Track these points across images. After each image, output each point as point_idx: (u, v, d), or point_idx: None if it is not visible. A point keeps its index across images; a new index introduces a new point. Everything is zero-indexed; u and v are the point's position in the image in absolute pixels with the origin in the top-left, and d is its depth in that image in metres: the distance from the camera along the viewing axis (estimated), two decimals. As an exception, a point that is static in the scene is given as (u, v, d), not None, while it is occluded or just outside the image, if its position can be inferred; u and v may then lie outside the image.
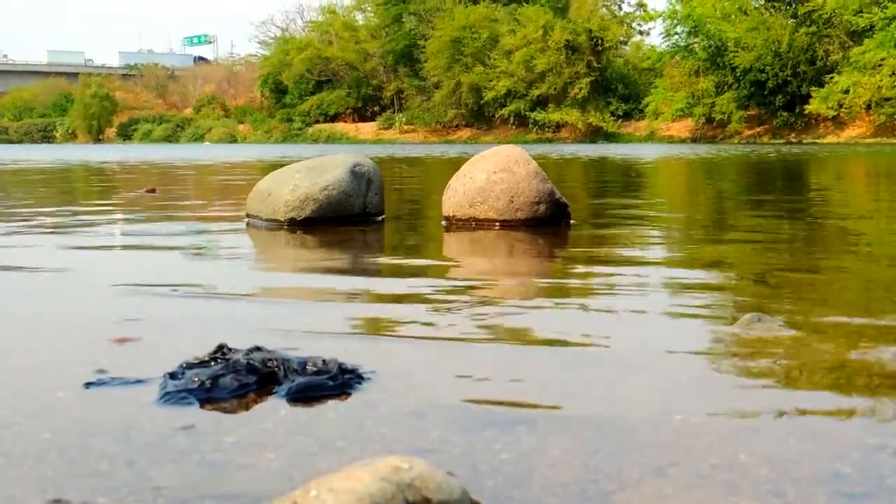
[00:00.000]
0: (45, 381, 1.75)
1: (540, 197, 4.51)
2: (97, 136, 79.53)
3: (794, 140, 47.82)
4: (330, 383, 1.67)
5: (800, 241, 4.12)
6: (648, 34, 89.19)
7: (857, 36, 47.09)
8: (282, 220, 4.64)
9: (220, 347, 1.75)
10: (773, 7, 52.39)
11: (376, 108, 71.31)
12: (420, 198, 7.61)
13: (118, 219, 5.53)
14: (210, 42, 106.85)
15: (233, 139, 69.95)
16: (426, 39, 63.90)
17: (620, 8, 62.30)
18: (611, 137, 55.46)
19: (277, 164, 12.76)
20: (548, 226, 4.50)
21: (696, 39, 53.90)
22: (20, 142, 78.29)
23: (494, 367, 1.84)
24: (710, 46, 52.87)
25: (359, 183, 4.83)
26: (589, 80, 56.90)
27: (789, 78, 49.28)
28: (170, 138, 74.64)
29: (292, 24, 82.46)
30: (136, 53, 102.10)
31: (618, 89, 59.81)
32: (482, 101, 61.03)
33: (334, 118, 70.91)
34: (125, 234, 4.70)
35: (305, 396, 1.63)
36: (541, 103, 59.04)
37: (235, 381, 1.65)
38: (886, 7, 45.12)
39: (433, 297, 2.65)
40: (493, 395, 1.64)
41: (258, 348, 1.76)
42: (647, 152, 26.97)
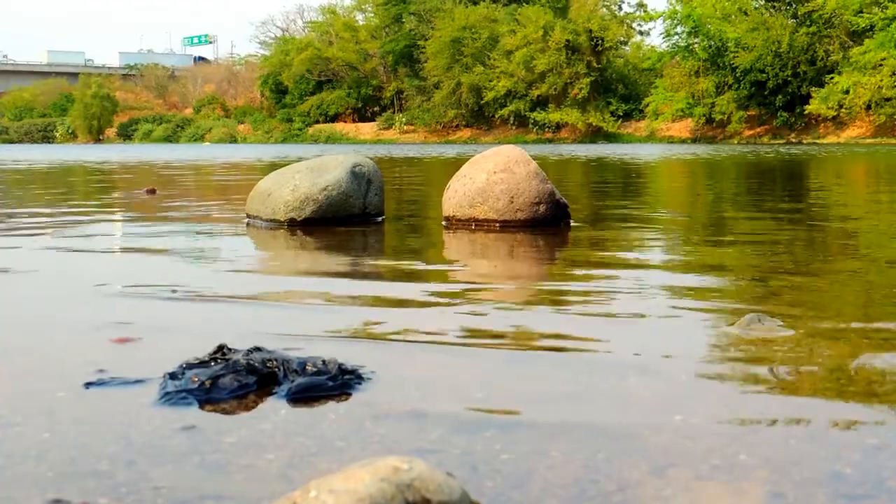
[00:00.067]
0: (45, 381, 1.75)
1: (540, 197, 4.51)
2: (97, 137, 79.58)
3: (794, 140, 47.82)
4: (330, 384, 1.67)
5: (800, 242, 4.12)
6: (648, 34, 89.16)
7: (858, 36, 47.08)
8: (282, 220, 4.64)
9: (220, 348, 1.75)
10: (774, 7, 52.39)
11: (376, 109, 71.33)
12: (420, 198, 7.61)
13: (118, 219, 5.53)
14: (210, 42, 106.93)
15: (233, 139, 69.96)
16: (426, 40, 63.92)
17: (620, 8, 62.41)
18: (611, 138, 55.46)
19: (277, 165, 12.78)
20: (548, 226, 4.50)
21: (696, 40, 53.89)
22: (20, 142, 78.33)
23: (494, 369, 1.84)
24: (710, 47, 52.87)
25: (359, 183, 4.83)
26: (589, 80, 56.91)
27: (789, 78, 49.29)
28: (170, 138, 74.65)
29: (292, 24, 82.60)
30: (136, 53, 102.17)
31: (618, 89, 59.81)
32: (482, 102, 61.05)
33: (334, 118, 70.92)
34: (125, 235, 4.70)
35: (305, 397, 1.63)
36: (541, 103, 59.04)
37: (235, 381, 1.65)
38: (886, 7, 45.11)
39: (434, 298, 2.65)
40: (493, 396, 1.64)
41: (258, 349, 1.76)
42: (647, 152, 26.97)
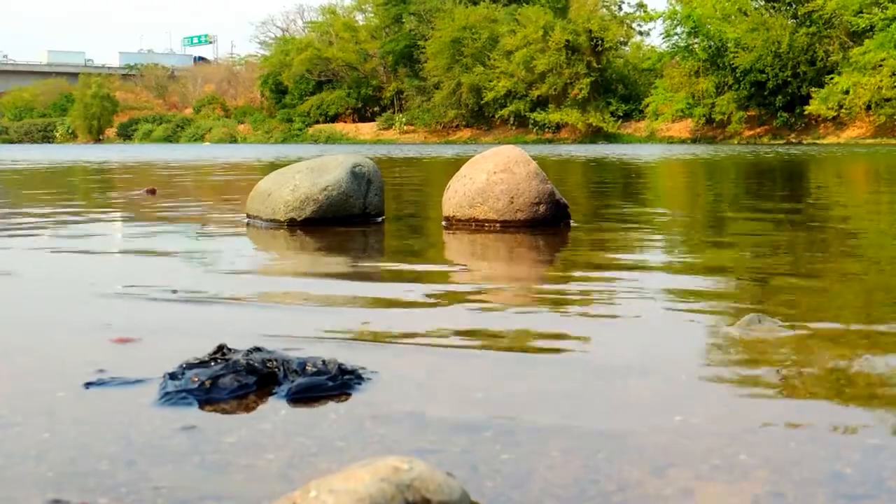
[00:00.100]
0: (45, 381, 1.75)
1: (540, 197, 4.51)
2: (97, 137, 79.56)
3: (794, 141, 47.81)
4: (329, 384, 1.67)
5: (800, 243, 4.12)
6: (648, 35, 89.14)
7: (858, 36, 47.06)
8: (282, 220, 4.64)
9: (220, 348, 1.75)
10: (773, 8, 52.38)
11: (376, 109, 71.30)
12: (420, 198, 7.61)
13: (118, 219, 5.53)
14: (210, 42, 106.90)
15: (233, 139, 69.94)
16: (426, 40, 63.88)
17: (620, 8, 62.32)
18: (611, 138, 55.44)
19: (277, 165, 12.78)
20: (548, 226, 4.50)
21: (696, 40, 53.87)
22: (20, 142, 78.31)
23: (494, 369, 1.84)
24: (710, 47, 52.86)
25: (359, 183, 4.83)
26: (589, 80, 56.88)
27: (789, 78, 49.28)
28: (170, 138, 74.64)
29: (292, 24, 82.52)
30: (136, 53, 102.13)
31: (618, 90, 59.78)
32: (482, 102, 61.01)
33: (334, 118, 70.90)
34: (125, 235, 4.70)
35: (305, 397, 1.63)
36: (541, 104, 59.01)
37: (235, 381, 1.65)
38: (886, 8, 45.10)
39: (434, 299, 2.65)
40: (492, 396, 1.64)
41: (258, 349, 1.76)
42: (647, 153, 26.97)
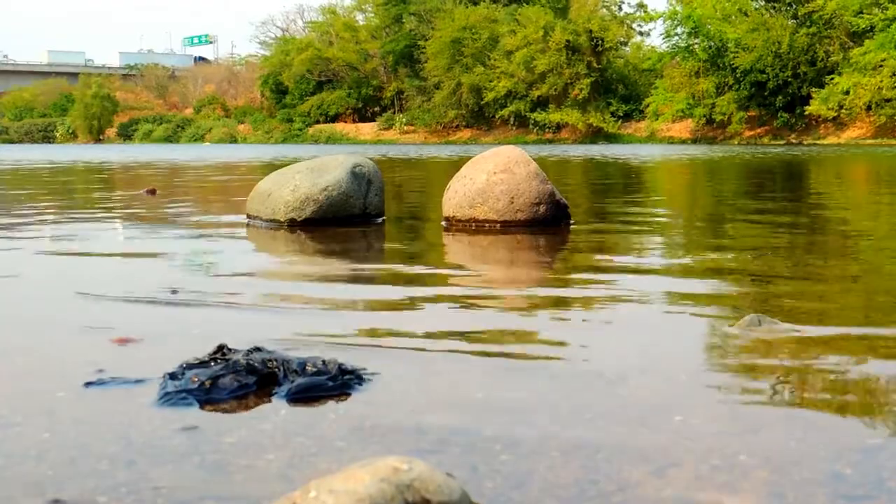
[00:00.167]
0: (45, 381, 1.75)
1: (540, 198, 4.51)
2: (98, 137, 79.56)
3: (794, 141, 47.80)
4: (329, 384, 1.66)
5: (800, 246, 4.12)
6: (649, 35, 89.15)
7: (858, 37, 47.05)
8: (282, 220, 4.64)
9: (220, 348, 1.75)
10: (774, 8, 52.37)
11: (376, 109, 71.29)
12: (420, 199, 7.61)
13: (118, 220, 5.53)
14: (210, 42, 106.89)
15: (233, 139, 69.94)
16: (426, 40, 63.86)
17: (621, 9, 62.30)
18: (611, 138, 55.44)
19: (277, 165, 12.78)
20: (548, 226, 4.50)
21: (696, 40, 53.85)
22: (20, 142, 78.31)
23: (494, 369, 1.84)
24: (710, 47, 52.85)
25: (359, 184, 4.83)
26: (589, 80, 56.87)
27: (790, 79, 49.27)
28: (170, 138, 74.64)
29: (293, 24, 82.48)
30: (136, 54, 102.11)
31: (618, 90, 59.78)
32: (482, 102, 60.99)
33: (334, 118, 70.89)
34: (126, 235, 4.70)
35: (305, 397, 1.63)
36: (541, 104, 59.00)
37: (235, 381, 1.65)
38: (887, 8, 45.08)
39: (434, 300, 2.65)
40: (492, 397, 1.64)
41: (258, 349, 1.76)
42: (647, 153, 26.97)
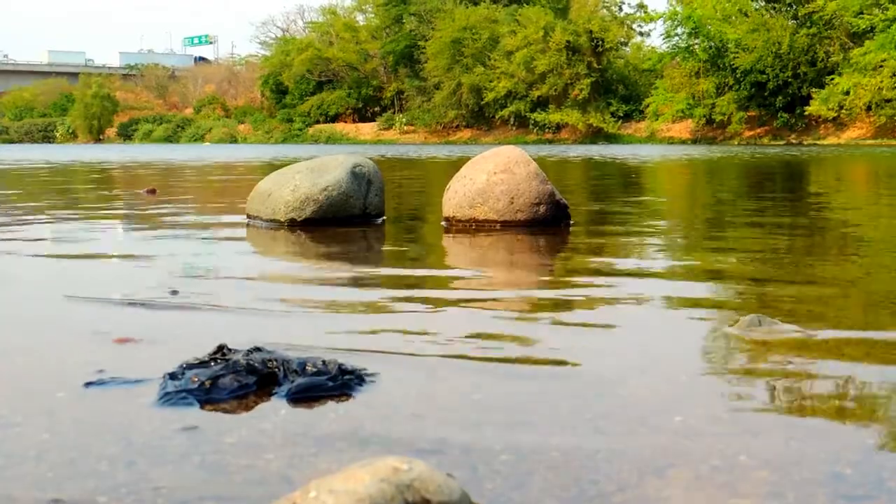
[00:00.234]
0: (45, 381, 1.75)
1: (540, 198, 4.51)
2: (98, 136, 79.57)
3: (794, 141, 47.81)
4: (330, 384, 1.67)
5: (800, 248, 4.11)
6: (649, 35, 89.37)
7: (858, 37, 47.06)
8: (282, 220, 4.64)
9: (220, 348, 1.75)
10: (774, 8, 52.38)
11: (377, 109, 71.30)
12: (420, 199, 7.61)
13: (118, 219, 5.53)
14: (211, 42, 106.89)
15: (233, 139, 69.94)
16: (427, 40, 63.87)
17: (621, 9, 62.33)
18: (611, 138, 55.45)
19: (277, 165, 12.77)
20: (548, 227, 4.50)
21: (696, 41, 53.86)
22: (20, 142, 78.31)
23: (494, 370, 1.84)
24: (710, 48, 52.86)
25: (359, 184, 4.83)
26: (589, 81, 56.88)
27: (790, 79, 49.28)
28: (170, 138, 74.63)
29: (293, 24, 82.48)
30: (136, 53, 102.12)
31: (618, 90, 59.79)
32: (482, 102, 61.01)
33: (335, 119, 70.90)
34: (126, 235, 4.70)
35: (305, 397, 1.63)
36: (541, 104, 59.01)
37: (235, 381, 1.65)
38: (887, 9, 45.10)
39: (434, 301, 2.65)
40: (492, 397, 1.64)
41: (258, 349, 1.76)
42: (646, 153, 26.96)
